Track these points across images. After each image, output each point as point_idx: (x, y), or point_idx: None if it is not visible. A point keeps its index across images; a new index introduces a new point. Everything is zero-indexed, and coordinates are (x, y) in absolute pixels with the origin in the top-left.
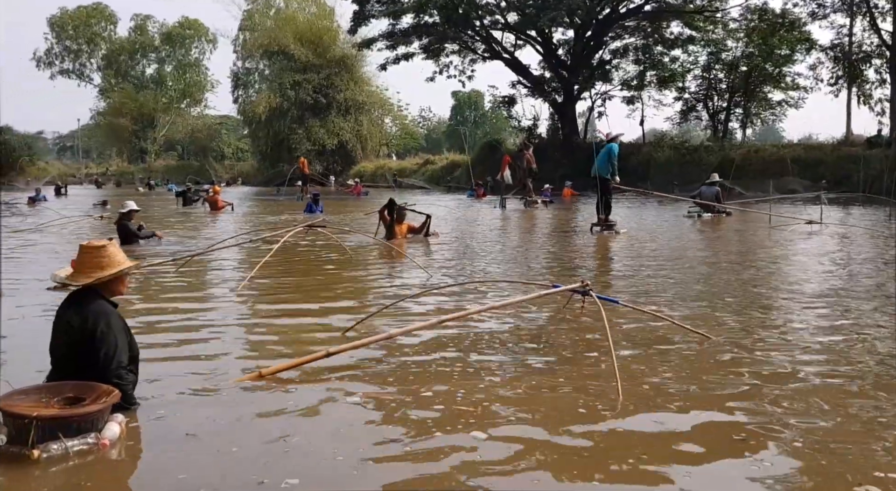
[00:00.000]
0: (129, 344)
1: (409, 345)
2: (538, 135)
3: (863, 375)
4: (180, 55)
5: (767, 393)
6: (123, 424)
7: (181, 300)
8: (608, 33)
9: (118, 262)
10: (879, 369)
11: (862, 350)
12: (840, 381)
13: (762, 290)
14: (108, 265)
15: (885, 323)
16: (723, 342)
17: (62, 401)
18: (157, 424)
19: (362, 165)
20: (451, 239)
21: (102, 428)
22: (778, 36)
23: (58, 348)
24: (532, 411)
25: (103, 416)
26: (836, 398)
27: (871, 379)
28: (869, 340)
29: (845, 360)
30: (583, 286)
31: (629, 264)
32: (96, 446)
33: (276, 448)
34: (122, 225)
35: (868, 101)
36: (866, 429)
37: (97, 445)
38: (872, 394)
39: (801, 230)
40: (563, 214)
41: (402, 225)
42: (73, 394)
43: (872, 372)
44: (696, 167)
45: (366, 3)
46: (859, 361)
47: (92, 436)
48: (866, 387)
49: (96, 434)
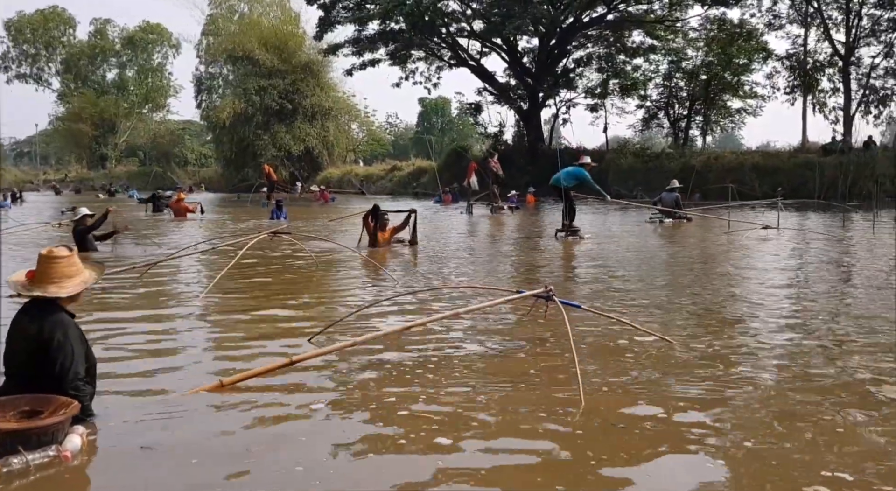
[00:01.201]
0: (87, 354)
1: (373, 351)
2: (504, 142)
3: (817, 377)
4: (142, 60)
5: (724, 395)
6: (84, 436)
7: (141, 308)
8: (572, 42)
9: (81, 271)
10: (833, 371)
11: (817, 353)
12: (795, 383)
13: (721, 293)
14: (75, 274)
15: (838, 326)
16: (682, 345)
17: (19, 414)
18: (117, 436)
19: (329, 171)
20: (421, 246)
21: (63, 440)
22: (736, 45)
23: (13, 358)
24: (496, 416)
25: (63, 428)
26: (790, 401)
27: (827, 382)
28: (825, 344)
29: (801, 362)
30: (546, 291)
31: (592, 269)
32: (58, 459)
33: (237, 459)
34: (78, 231)
35: (823, 110)
36: (820, 430)
37: (58, 457)
38: (825, 397)
39: (758, 235)
40: (528, 220)
41: (386, 231)
42: (29, 407)
43: (828, 375)
44: (658, 174)
45: (331, 9)
46: (815, 363)
47: (53, 449)
48: (820, 389)
49: (57, 447)
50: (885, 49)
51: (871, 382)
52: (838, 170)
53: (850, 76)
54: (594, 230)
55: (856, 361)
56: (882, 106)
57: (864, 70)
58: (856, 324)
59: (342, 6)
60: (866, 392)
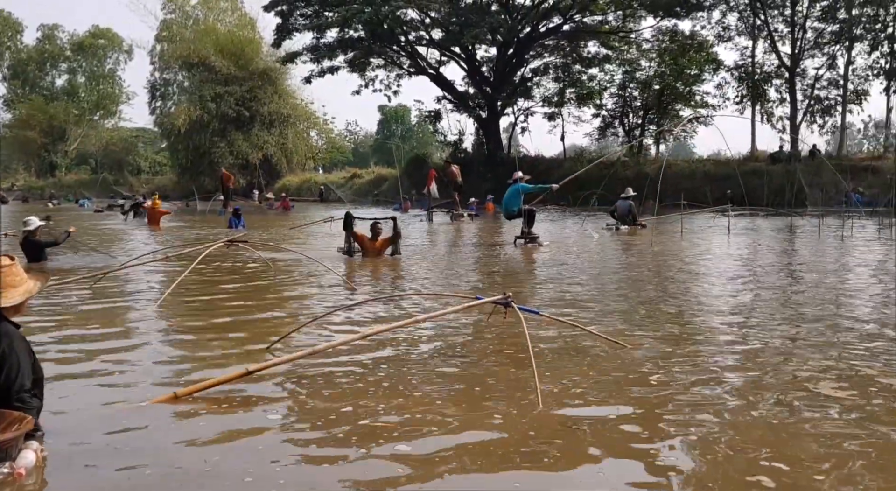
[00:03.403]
0: (33, 366)
1: (331, 360)
2: (464, 149)
3: (769, 376)
4: (93, 66)
5: (673, 394)
6: (38, 452)
7: (93, 318)
8: (529, 51)
9: (24, 280)
10: (784, 369)
11: (767, 350)
12: (746, 381)
13: (676, 297)
14: (18, 284)
15: (784, 326)
16: (636, 349)
17: None
18: (68, 450)
19: (287, 179)
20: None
21: (16, 457)
22: (688, 56)
23: None
24: (454, 421)
25: (17, 444)
26: (740, 399)
27: (775, 379)
28: (773, 343)
29: (752, 362)
30: (505, 297)
31: (551, 275)
32: (11, 477)
33: (193, 471)
34: (29, 241)
35: (770, 119)
36: (767, 426)
37: (12, 475)
38: (774, 394)
39: (710, 240)
40: (488, 227)
41: (378, 240)
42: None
43: (778, 371)
44: (613, 181)
45: (289, 16)
46: (764, 360)
47: (6, 465)
48: (769, 387)
49: (10, 463)
50: (828, 61)
51: (810, 380)
52: (785, 178)
53: (796, 87)
54: (552, 237)
55: (802, 357)
56: (826, 115)
57: (808, 81)
58: (803, 322)
59: (300, 13)
60: (809, 390)
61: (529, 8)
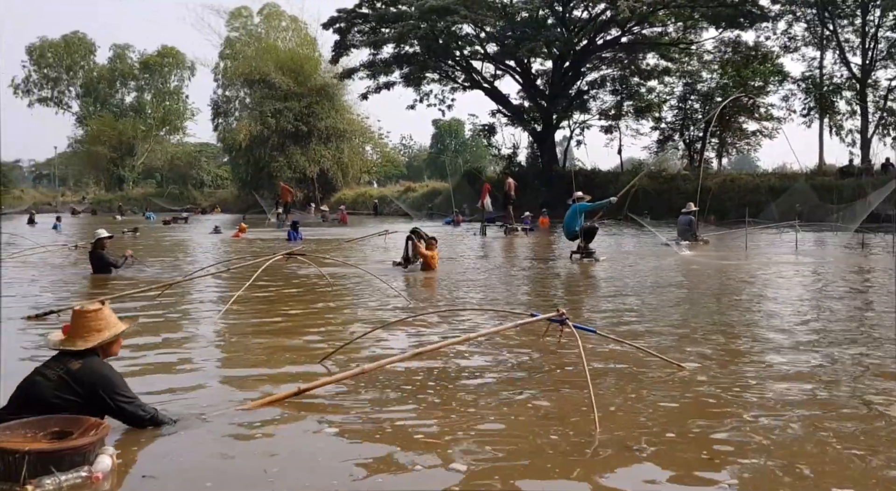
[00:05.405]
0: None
1: (387, 375)
2: (518, 163)
3: (835, 404)
4: (159, 83)
5: (737, 420)
6: (114, 457)
7: (155, 332)
8: (586, 64)
9: (113, 324)
10: (851, 398)
11: (837, 377)
12: (813, 411)
13: (738, 318)
14: (105, 328)
15: (859, 353)
16: (696, 371)
17: (49, 435)
18: (141, 459)
19: (343, 192)
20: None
21: (94, 461)
22: (751, 68)
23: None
24: (510, 443)
25: (95, 449)
26: (808, 426)
27: (844, 407)
28: (845, 368)
29: (822, 388)
30: (559, 315)
31: (608, 292)
32: (89, 480)
33: (255, 481)
34: (96, 253)
35: (839, 132)
36: (835, 452)
37: (90, 478)
38: (843, 422)
39: (776, 259)
40: (543, 242)
41: (434, 251)
42: (59, 427)
43: (844, 399)
44: (673, 196)
45: (347, 33)
46: (833, 388)
47: (84, 469)
48: (837, 416)
49: (88, 467)
50: None
51: (884, 404)
52: (856, 193)
53: (868, 99)
54: (610, 252)
55: (879, 387)
56: None
57: (881, 92)
58: (877, 348)
59: (357, 30)
60: (883, 417)
61: (586, 21)
